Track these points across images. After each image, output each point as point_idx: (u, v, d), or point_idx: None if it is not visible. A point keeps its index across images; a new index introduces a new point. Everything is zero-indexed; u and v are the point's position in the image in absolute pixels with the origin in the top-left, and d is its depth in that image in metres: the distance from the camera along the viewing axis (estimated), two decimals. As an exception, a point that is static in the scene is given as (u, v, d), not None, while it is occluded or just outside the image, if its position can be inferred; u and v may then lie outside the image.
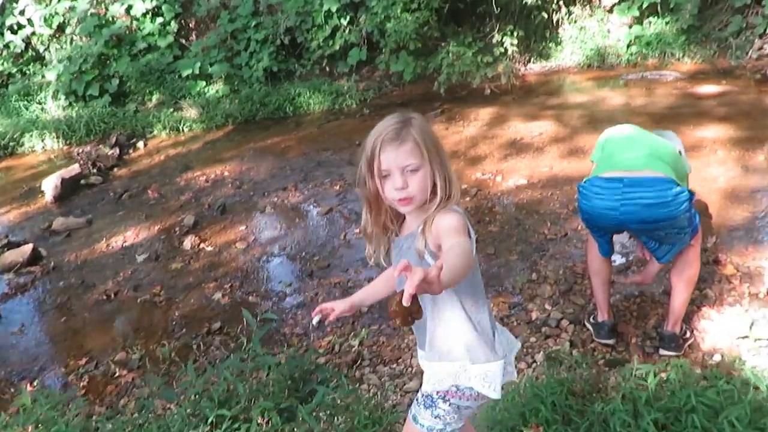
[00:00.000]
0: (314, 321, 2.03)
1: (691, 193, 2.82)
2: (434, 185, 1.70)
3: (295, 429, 2.63)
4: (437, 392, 1.82)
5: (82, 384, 3.71)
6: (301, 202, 5.93)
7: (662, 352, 3.14)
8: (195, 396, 2.73)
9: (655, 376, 2.66)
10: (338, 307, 2.03)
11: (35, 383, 3.76)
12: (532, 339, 3.45)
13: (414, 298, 1.18)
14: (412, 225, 1.77)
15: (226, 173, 6.99)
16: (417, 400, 1.91)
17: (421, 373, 2.08)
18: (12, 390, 3.75)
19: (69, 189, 6.94)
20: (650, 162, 2.85)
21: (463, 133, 7.18)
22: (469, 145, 6.77)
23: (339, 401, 2.80)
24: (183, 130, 8.87)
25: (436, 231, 1.63)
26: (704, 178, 4.85)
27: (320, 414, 2.76)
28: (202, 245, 5.29)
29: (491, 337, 1.79)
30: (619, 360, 3.14)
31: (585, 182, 2.95)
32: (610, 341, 3.27)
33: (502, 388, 1.81)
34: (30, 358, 4.08)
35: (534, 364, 3.22)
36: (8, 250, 5.49)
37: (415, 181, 1.66)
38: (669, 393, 2.43)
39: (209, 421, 2.60)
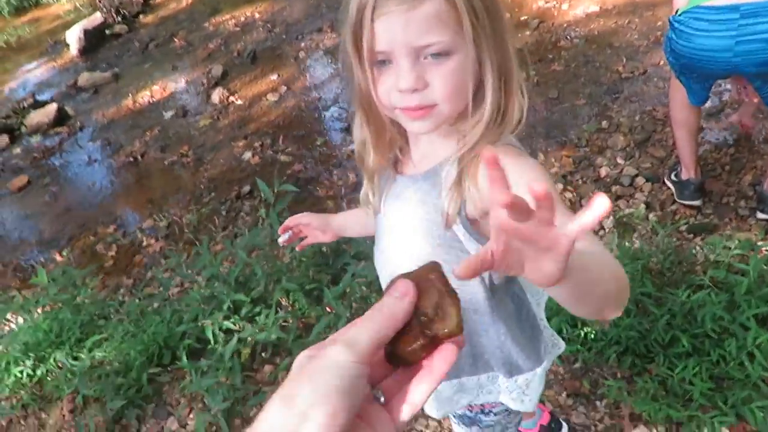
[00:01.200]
0: (280, 240, 1.41)
1: None
2: (479, 86, 0.94)
3: (323, 314, 2.33)
4: (471, 409, 1.30)
5: (110, 254, 3.53)
6: (338, 44, 5.28)
7: (760, 215, 2.59)
8: (211, 278, 2.43)
9: (754, 249, 2.18)
10: (313, 223, 1.38)
11: (64, 253, 3.61)
12: (601, 200, 2.94)
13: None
14: (430, 157, 1.03)
15: (257, 15, 6.32)
16: (452, 418, 1.40)
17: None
18: (42, 259, 3.62)
19: (94, 40, 6.49)
20: None
21: (523, -48, 6.14)
22: (530, -34, 5.78)
23: (371, 279, 2.46)
24: (211, -32, 8.05)
25: None
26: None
27: (353, 294, 2.44)
28: (231, 99, 4.83)
29: (539, 329, 1.19)
30: (707, 225, 2.63)
31: (681, 15, 2.20)
32: (696, 202, 2.73)
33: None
34: (59, 225, 3.92)
35: (602, 232, 2.75)
36: (34, 110, 5.22)
37: (441, 75, 0.89)
38: (775, 276, 1.95)
39: (226, 306, 2.32)
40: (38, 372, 2.43)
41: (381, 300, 0.51)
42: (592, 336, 2.01)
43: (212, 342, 2.25)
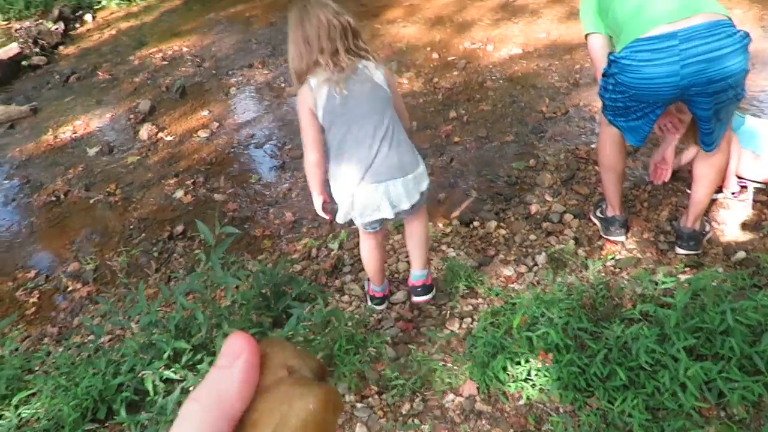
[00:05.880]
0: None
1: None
2: None
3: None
4: None
5: (32, 300, 3.33)
6: (270, 81, 5.29)
7: (679, 251, 2.77)
8: (148, 325, 2.34)
9: (678, 284, 2.33)
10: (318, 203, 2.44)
11: (-20, 301, 3.38)
12: (532, 237, 3.07)
13: None
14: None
15: (185, 49, 6.24)
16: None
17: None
18: (-45, 309, 3.36)
19: (9, 72, 6.19)
20: (696, 3, 2.19)
21: (448, -5, 6.41)
22: (455, 9, 6.03)
23: (316, 322, 2.45)
24: (135, 0, 7.90)
25: None
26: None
27: (296, 338, 2.42)
28: (160, 135, 4.72)
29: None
30: (631, 260, 2.79)
31: (622, 52, 2.28)
32: (622, 238, 2.90)
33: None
34: (-26, 270, 3.67)
35: (535, 267, 2.86)
36: (-57, 146, 4.91)
37: None
38: (698, 309, 2.09)
39: (166, 354, 2.24)
40: (-44, 434, 2.25)
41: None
42: (535, 372, 2.08)
43: (152, 393, 2.16)
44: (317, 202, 2.42)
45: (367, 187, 2.21)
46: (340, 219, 2.38)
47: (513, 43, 5.12)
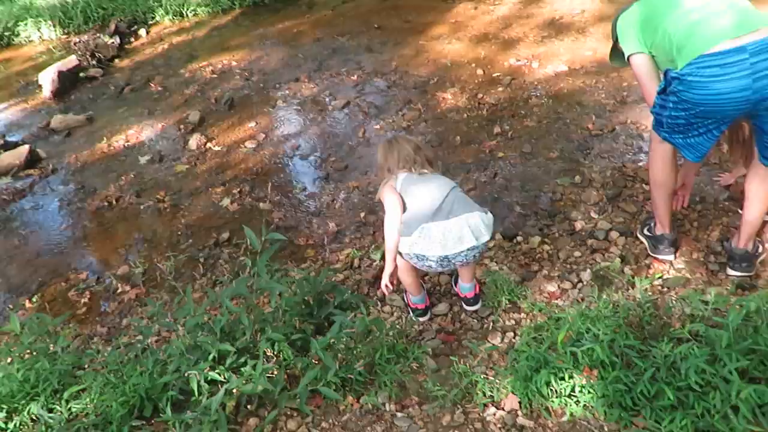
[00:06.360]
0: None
1: None
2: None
3: (309, 365, 2.32)
4: None
5: (83, 301, 3.44)
6: (316, 94, 5.38)
7: (730, 272, 2.70)
8: (194, 327, 2.40)
9: (730, 305, 2.26)
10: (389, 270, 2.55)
11: (34, 300, 3.50)
12: (577, 253, 3.03)
13: None
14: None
15: (233, 63, 6.41)
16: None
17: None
18: (11, 307, 3.50)
19: (68, 83, 6.45)
20: (756, 18, 2.18)
21: (494, 12, 6.42)
22: (501, 26, 6.04)
23: (358, 331, 2.46)
24: (187, 15, 8.16)
25: None
26: None
27: (338, 345, 2.44)
28: (208, 145, 4.85)
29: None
30: (680, 280, 2.73)
31: (686, 68, 2.22)
32: (670, 257, 2.84)
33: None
34: (30, 270, 3.81)
35: (580, 284, 2.82)
36: (5, 151, 5.12)
37: None
38: (751, 331, 2.03)
39: (211, 356, 2.28)
40: (10, 426, 2.32)
41: None
42: (580, 389, 2.04)
43: (196, 394, 2.21)
44: (388, 269, 2.53)
45: (440, 223, 2.34)
46: (419, 266, 2.50)
47: (559, 60, 5.10)
